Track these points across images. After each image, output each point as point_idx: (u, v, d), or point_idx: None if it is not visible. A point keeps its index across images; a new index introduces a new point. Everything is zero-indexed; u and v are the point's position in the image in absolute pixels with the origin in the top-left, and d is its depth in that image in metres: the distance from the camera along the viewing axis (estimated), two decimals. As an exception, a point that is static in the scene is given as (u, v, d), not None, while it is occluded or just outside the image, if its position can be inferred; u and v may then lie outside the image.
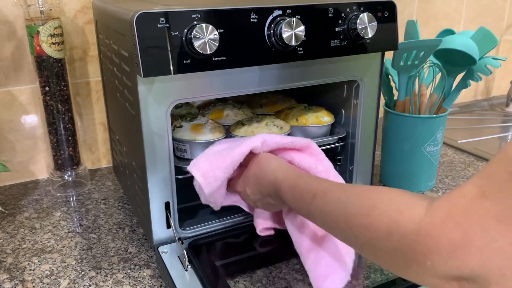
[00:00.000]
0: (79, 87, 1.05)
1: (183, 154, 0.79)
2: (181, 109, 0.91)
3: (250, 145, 0.67)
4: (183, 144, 0.78)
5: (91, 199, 0.98)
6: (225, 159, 0.66)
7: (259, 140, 0.68)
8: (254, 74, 0.71)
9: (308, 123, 0.86)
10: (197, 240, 0.74)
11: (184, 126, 0.79)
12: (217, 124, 0.83)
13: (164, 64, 0.61)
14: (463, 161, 1.17)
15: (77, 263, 0.76)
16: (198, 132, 0.78)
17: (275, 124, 0.83)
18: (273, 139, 0.69)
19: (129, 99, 0.71)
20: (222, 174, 0.66)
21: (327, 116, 0.88)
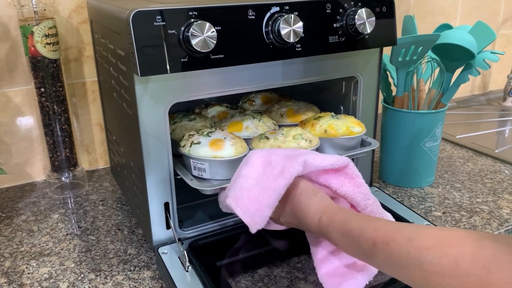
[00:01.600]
0: (75, 88, 1.04)
1: (202, 173, 0.71)
2: (195, 122, 0.84)
3: (294, 173, 0.61)
4: (202, 163, 0.70)
5: (89, 201, 0.97)
6: (271, 194, 0.60)
7: (301, 164, 0.61)
8: (252, 72, 0.71)
9: (338, 135, 0.78)
10: (197, 241, 0.73)
11: (202, 142, 0.71)
12: (238, 138, 0.75)
13: (161, 63, 0.60)
14: (462, 156, 1.16)
15: (76, 266, 0.75)
16: (218, 148, 0.70)
17: (303, 137, 0.74)
18: (313, 162, 0.62)
19: (126, 99, 0.70)
20: (269, 211, 0.60)
21: (358, 125, 0.80)
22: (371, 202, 0.64)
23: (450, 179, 1.03)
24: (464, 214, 0.88)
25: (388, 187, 1.00)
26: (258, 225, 0.60)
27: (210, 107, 0.95)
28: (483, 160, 1.14)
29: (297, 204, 0.61)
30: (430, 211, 0.90)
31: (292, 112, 0.89)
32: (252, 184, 0.63)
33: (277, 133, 0.76)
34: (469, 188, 0.99)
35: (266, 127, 0.82)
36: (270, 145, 0.73)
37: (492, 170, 1.08)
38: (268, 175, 0.63)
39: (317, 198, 0.60)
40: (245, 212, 0.61)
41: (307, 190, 0.61)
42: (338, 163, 0.63)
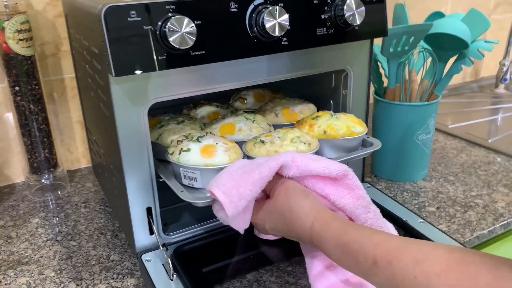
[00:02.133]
0: (53, 85, 1.00)
1: (193, 182, 0.67)
2: (183, 125, 0.78)
3: (279, 159, 0.58)
4: (192, 171, 0.66)
5: (71, 203, 0.93)
6: (252, 175, 0.56)
7: (289, 157, 0.58)
8: (237, 68, 0.67)
9: (338, 136, 0.73)
10: (183, 246, 0.70)
11: (192, 149, 0.66)
12: (231, 144, 0.69)
13: (138, 62, 0.56)
14: (455, 147, 1.14)
15: (56, 275, 0.72)
16: (210, 155, 0.66)
17: (302, 140, 0.70)
18: (303, 161, 0.58)
19: (103, 99, 0.66)
20: (248, 192, 0.56)
21: (359, 125, 0.75)
22: (371, 215, 0.60)
23: (444, 172, 1.01)
24: (459, 209, 0.86)
25: (380, 181, 0.97)
26: (234, 206, 0.56)
27: (199, 107, 0.90)
28: (477, 150, 1.11)
29: (286, 205, 0.56)
30: (423, 206, 0.87)
31: (287, 111, 0.84)
32: (233, 170, 0.60)
33: (273, 136, 0.71)
34: (463, 181, 0.96)
35: (260, 129, 0.77)
36: (266, 150, 0.69)
37: (486, 161, 1.05)
38: (252, 163, 0.60)
39: (309, 200, 0.56)
40: (220, 189, 0.57)
41: (297, 190, 0.57)
42: (333, 166, 0.58)
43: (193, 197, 0.62)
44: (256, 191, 0.56)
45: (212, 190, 0.58)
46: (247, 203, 0.56)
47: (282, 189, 0.58)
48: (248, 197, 0.56)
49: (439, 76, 0.91)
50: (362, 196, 0.59)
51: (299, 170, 0.58)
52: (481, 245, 0.84)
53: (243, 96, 0.95)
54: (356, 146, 0.76)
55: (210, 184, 0.59)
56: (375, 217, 0.59)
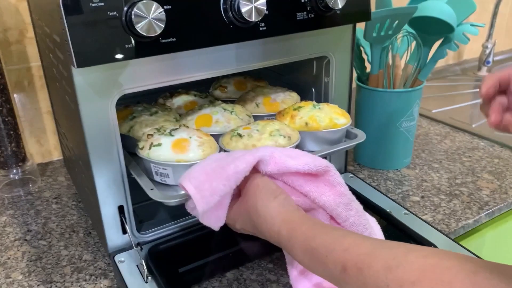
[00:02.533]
0: (20, 74, 0.94)
1: (164, 179, 0.63)
2: (157, 116, 0.73)
3: (257, 153, 0.54)
4: (164, 168, 0.62)
5: (42, 199, 0.88)
6: (226, 169, 0.53)
7: (268, 151, 0.55)
8: (211, 56, 0.63)
9: (321, 128, 0.70)
10: (158, 245, 0.67)
11: (163, 144, 0.62)
12: (206, 137, 0.65)
13: (102, 51, 0.52)
14: (439, 133, 1.12)
15: (24, 278, 0.68)
16: (183, 150, 0.62)
17: (281, 133, 0.66)
18: (282, 158, 0.55)
19: (68, 91, 0.61)
20: (221, 187, 0.52)
21: (343, 116, 0.72)
22: (353, 213, 0.56)
23: (427, 159, 0.99)
24: (443, 197, 0.84)
25: (363, 170, 0.95)
26: (205, 201, 0.52)
27: (176, 96, 0.85)
28: (461, 136, 1.09)
29: (253, 206, 0.53)
30: (407, 195, 0.85)
31: (269, 101, 0.80)
32: (207, 163, 0.56)
33: (251, 129, 0.67)
34: (447, 168, 0.94)
35: (239, 120, 0.73)
36: (243, 144, 0.65)
37: (470, 147, 1.04)
38: (228, 157, 0.56)
39: (277, 202, 0.52)
40: (191, 183, 0.53)
41: (266, 189, 0.53)
42: (313, 163, 0.54)
43: (164, 196, 0.58)
44: (231, 186, 0.53)
45: (183, 184, 0.54)
46: (219, 199, 0.53)
47: (252, 187, 0.54)
48: (220, 192, 0.52)
49: (423, 61, 0.88)
50: (344, 193, 0.56)
51: (277, 166, 0.55)
52: (466, 234, 0.82)
53: (223, 84, 0.90)
54: (340, 138, 0.73)
55: (181, 178, 0.56)
56: (357, 215, 0.56)
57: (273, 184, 0.54)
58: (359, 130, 0.75)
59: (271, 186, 0.54)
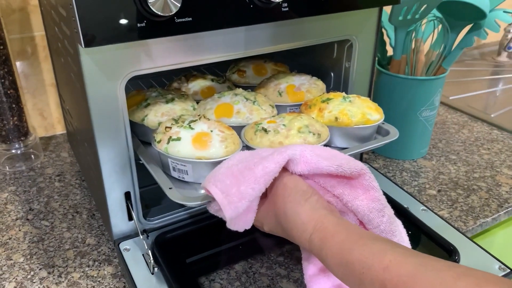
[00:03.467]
0: (23, 43, 0.89)
1: (183, 176, 0.59)
2: (173, 104, 0.68)
3: (286, 152, 0.49)
4: (183, 164, 0.57)
5: (44, 176, 0.85)
6: (254, 171, 0.48)
7: (298, 150, 0.50)
8: (228, 37, 0.58)
9: (352, 123, 0.64)
10: (165, 234, 0.64)
11: (183, 138, 0.58)
12: (228, 131, 0.60)
13: (111, 30, 0.47)
14: (457, 122, 1.08)
15: (25, 260, 0.65)
16: (204, 147, 0.57)
17: (311, 129, 0.61)
18: (313, 158, 0.50)
19: (73, 69, 0.57)
20: (250, 191, 0.48)
21: (376, 112, 0.66)
22: (385, 220, 0.52)
23: (445, 150, 0.95)
24: (461, 192, 0.81)
25: (378, 159, 0.91)
26: (234, 207, 0.48)
27: (192, 80, 0.79)
28: (479, 126, 1.05)
29: (282, 209, 0.49)
30: (424, 188, 0.82)
31: (293, 90, 0.73)
32: (232, 163, 0.51)
33: (277, 123, 0.62)
34: (465, 160, 0.91)
35: (262, 112, 0.67)
36: (269, 141, 0.60)
37: (489, 138, 1.00)
38: (254, 156, 0.51)
39: (309, 205, 0.47)
40: (217, 187, 0.49)
41: (296, 191, 0.49)
42: (347, 164, 0.49)
43: (185, 198, 0.53)
44: (260, 190, 0.48)
45: (208, 188, 0.50)
46: (249, 204, 0.48)
47: (280, 188, 0.50)
48: (249, 197, 0.48)
49: (449, 48, 0.83)
50: (378, 199, 0.52)
51: (307, 167, 0.50)
52: (483, 232, 0.79)
53: (241, 68, 0.84)
54: (371, 135, 0.67)
55: (206, 180, 0.51)
56: (388, 221, 0.53)
57: (303, 184, 0.50)
58: (391, 126, 0.69)
59: (301, 186, 0.49)
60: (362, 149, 0.64)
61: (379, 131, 0.70)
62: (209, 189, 0.50)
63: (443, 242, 0.64)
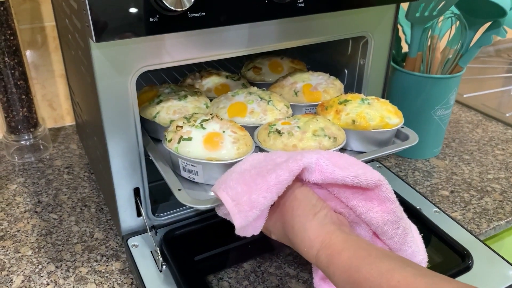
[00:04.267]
0: (33, 34, 0.89)
1: (193, 176, 0.57)
2: (186, 101, 0.66)
3: (302, 161, 0.47)
4: (193, 165, 0.56)
5: (53, 167, 0.85)
6: (267, 179, 0.46)
7: (313, 158, 0.48)
8: (241, 33, 0.57)
9: (370, 127, 0.62)
10: (173, 231, 0.63)
11: (194, 138, 0.56)
12: (241, 132, 0.58)
13: (123, 25, 0.46)
14: (471, 121, 1.06)
15: (33, 254, 0.65)
16: (215, 147, 0.55)
17: (326, 133, 0.58)
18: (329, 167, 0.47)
19: (84, 63, 0.56)
20: (261, 200, 0.46)
21: (396, 115, 0.64)
22: (400, 231, 0.50)
23: (458, 149, 0.93)
24: (474, 194, 0.79)
25: (390, 157, 0.90)
26: (244, 216, 0.46)
27: (206, 76, 0.77)
28: (493, 125, 1.03)
29: (290, 222, 0.47)
30: (436, 189, 0.80)
31: (309, 89, 0.71)
32: (245, 168, 0.50)
33: (291, 125, 0.60)
34: (479, 161, 0.89)
35: (276, 112, 0.65)
36: (283, 143, 0.58)
37: (504, 138, 0.98)
38: (267, 161, 0.49)
39: (317, 220, 0.46)
40: (228, 194, 0.47)
41: (305, 205, 0.47)
42: (364, 176, 0.47)
43: (194, 201, 0.52)
44: (272, 199, 0.46)
45: (218, 194, 0.48)
46: (259, 213, 0.46)
47: (289, 199, 0.48)
48: (261, 206, 0.46)
49: (466, 46, 0.81)
50: (393, 211, 0.49)
51: (322, 176, 0.48)
52: (495, 235, 0.78)
53: (257, 65, 0.82)
54: (389, 139, 0.65)
55: (216, 185, 0.50)
56: (403, 233, 0.51)
57: (313, 197, 0.48)
58: (411, 130, 0.67)
59: (310, 200, 0.48)
60: (379, 154, 0.63)
61: (398, 135, 0.68)
62: (219, 195, 0.48)
63: (457, 245, 0.63)
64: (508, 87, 1.28)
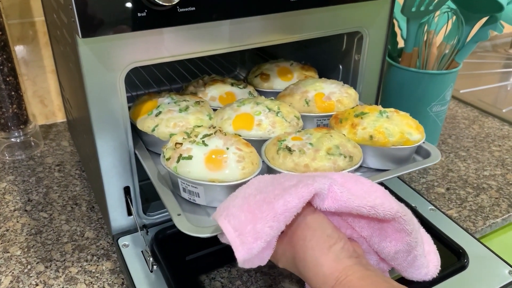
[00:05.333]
0: (23, 29, 0.87)
1: (194, 198, 0.52)
2: (187, 113, 0.61)
3: (313, 186, 0.42)
4: (194, 186, 0.51)
5: (44, 165, 0.84)
6: (274, 205, 0.41)
7: (326, 183, 0.43)
8: (234, 27, 0.55)
9: (389, 143, 0.57)
10: (165, 230, 0.62)
11: (195, 157, 0.51)
12: (246, 149, 0.53)
13: (111, 20, 0.45)
14: (467, 117, 1.05)
15: (22, 253, 0.64)
16: (218, 167, 0.50)
17: (342, 151, 0.53)
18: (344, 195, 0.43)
19: (72, 58, 0.55)
20: (267, 230, 0.41)
21: (417, 131, 0.58)
22: (410, 258, 0.48)
23: (454, 146, 0.92)
24: (470, 191, 0.79)
25: (386, 154, 0.89)
26: (247, 248, 0.41)
27: (210, 83, 0.72)
28: (490, 121, 1.02)
29: (301, 255, 0.42)
30: (432, 186, 0.80)
31: (321, 99, 0.66)
32: (250, 193, 0.44)
33: (303, 142, 0.54)
34: (475, 157, 0.88)
35: (286, 124, 0.60)
36: (293, 163, 0.52)
37: (500, 134, 0.97)
38: (275, 185, 0.44)
39: (332, 254, 0.41)
40: (230, 222, 0.42)
41: (319, 235, 0.42)
42: (381, 206, 0.43)
43: (194, 229, 0.47)
44: (279, 228, 0.42)
45: (219, 222, 0.43)
46: (264, 245, 0.41)
47: (301, 227, 0.43)
48: (266, 237, 0.41)
49: (463, 42, 0.80)
50: (407, 242, 0.46)
51: (335, 204, 0.44)
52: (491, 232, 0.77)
53: (265, 71, 0.77)
54: (409, 156, 0.60)
55: (218, 212, 0.44)
56: (414, 259, 0.48)
57: (328, 227, 0.43)
58: (433, 147, 0.61)
59: (325, 230, 0.43)
60: (398, 174, 0.57)
61: (418, 150, 0.62)
62: (220, 224, 0.43)
63: (452, 244, 0.62)
64: (504, 82, 1.27)
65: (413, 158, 0.62)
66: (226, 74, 0.98)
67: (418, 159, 0.62)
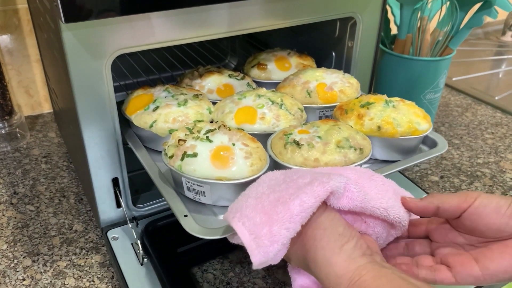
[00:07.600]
0: (6, 17, 0.84)
1: (199, 197, 0.50)
2: (185, 107, 0.58)
3: (329, 184, 0.40)
4: (200, 184, 0.48)
5: (30, 157, 0.81)
6: (290, 206, 0.39)
7: (342, 183, 0.41)
8: (224, 12, 0.54)
9: (397, 134, 0.55)
10: (155, 222, 0.61)
11: (200, 154, 0.48)
12: (253, 144, 0.50)
13: (94, 4, 0.43)
14: (460, 104, 1.04)
15: (9, 247, 0.62)
16: (225, 165, 0.48)
17: (352, 144, 0.51)
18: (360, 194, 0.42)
19: (56, 46, 0.53)
20: (283, 232, 0.39)
21: (424, 120, 0.57)
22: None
23: (448, 134, 0.92)
24: (464, 179, 0.78)
25: (379, 142, 0.88)
26: (264, 251, 0.39)
27: (206, 75, 0.69)
28: (483, 109, 1.02)
29: (312, 255, 0.40)
30: (426, 174, 0.79)
31: (323, 89, 0.63)
32: (262, 192, 0.42)
33: (310, 134, 0.52)
34: (469, 145, 0.88)
35: (290, 117, 0.58)
36: (303, 157, 0.50)
37: (493, 122, 0.96)
38: (288, 182, 0.42)
39: (344, 254, 0.39)
40: (244, 224, 0.40)
41: (330, 235, 0.40)
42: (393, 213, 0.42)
43: (203, 231, 0.44)
44: (295, 230, 0.39)
45: (233, 225, 0.41)
46: (281, 247, 0.39)
47: (312, 226, 0.41)
48: (283, 240, 0.39)
49: (456, 28, 0.79)
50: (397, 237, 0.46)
51: (350, 204, 0.42)
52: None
53: (262, 61, 0.74)
54: (416, 146, 0.58)
55: (230, 213, 0.42)
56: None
57: (340, 225, 0.41)
58: (439, 136, 0.60)
59: (337, 228, 0.41)
60: (406, 165, 0.55)
61: (424, 140, 0.61)
62: (234, 227, 0.40)
63: (447, 232, 0.61)
64: (496, 70, 1.26)
65: (420, 148, 0.60)
66: (217, 63, 0.96)
67: (424, 149, 0.60)
